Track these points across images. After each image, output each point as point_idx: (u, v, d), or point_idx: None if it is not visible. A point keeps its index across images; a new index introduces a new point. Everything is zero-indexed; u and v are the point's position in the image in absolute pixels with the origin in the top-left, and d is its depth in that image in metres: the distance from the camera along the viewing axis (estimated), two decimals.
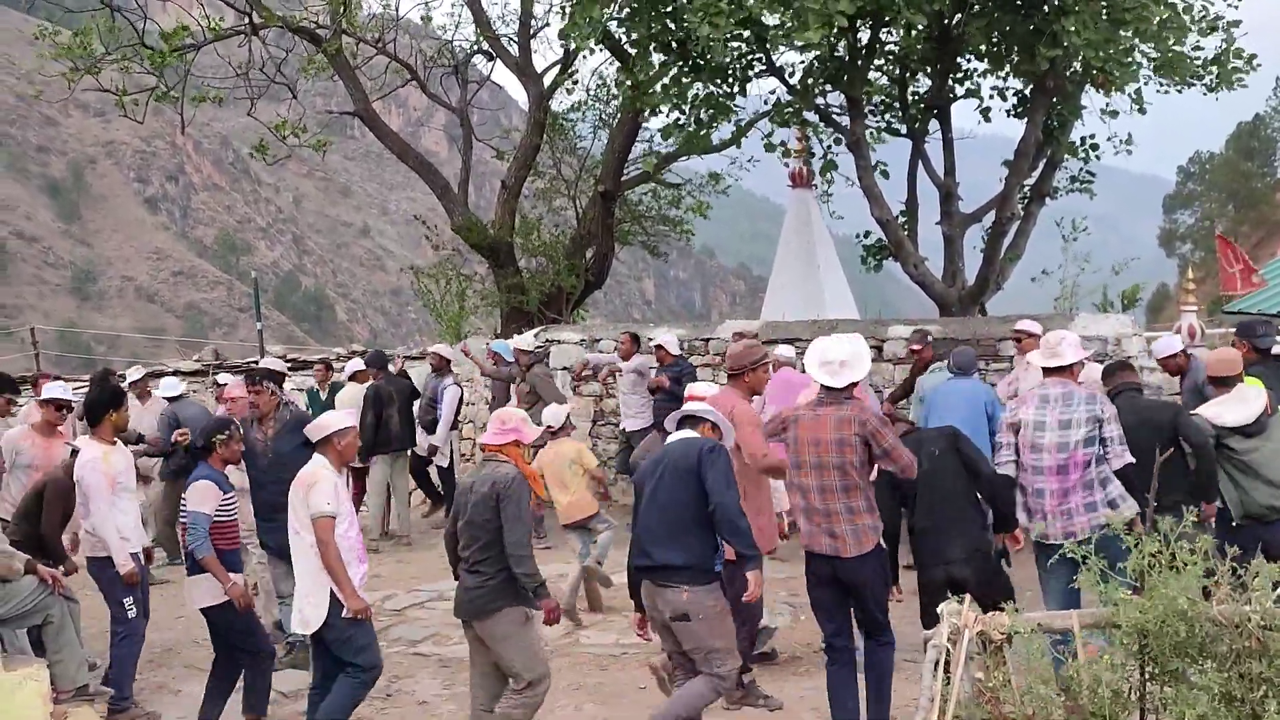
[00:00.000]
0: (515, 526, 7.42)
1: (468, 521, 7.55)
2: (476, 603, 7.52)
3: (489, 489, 7.48)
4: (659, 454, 7.80)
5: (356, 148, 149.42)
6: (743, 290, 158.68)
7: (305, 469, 7.98)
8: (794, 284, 21.79)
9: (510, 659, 7.54)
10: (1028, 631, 5.66)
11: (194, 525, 8.42)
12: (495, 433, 7.74)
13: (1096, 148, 18.60)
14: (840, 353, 7.60)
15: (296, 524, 7.85)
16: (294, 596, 8.03)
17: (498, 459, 7.69)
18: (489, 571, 7.49)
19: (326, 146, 22.03)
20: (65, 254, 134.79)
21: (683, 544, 7.39)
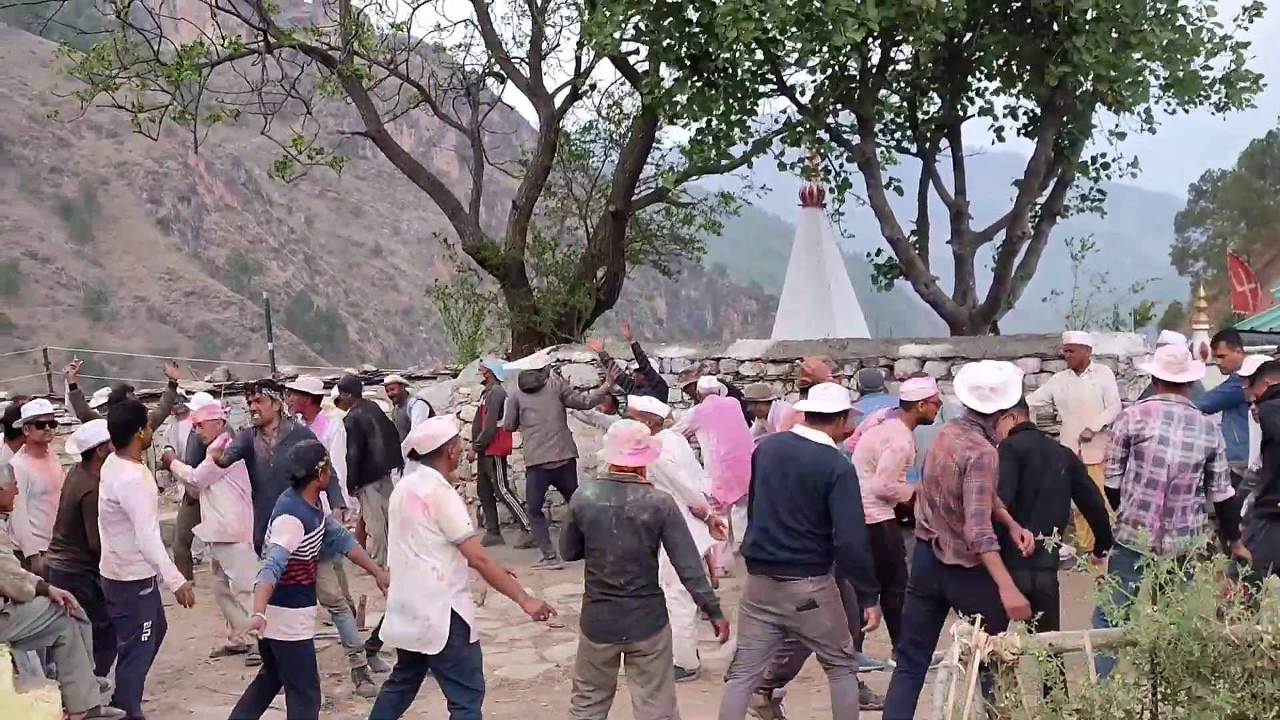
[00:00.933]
0: (687, 551, 7.48)
1: (624, 550, 7.40)
2: (645, 624, 7.48)
3: (650, 516, 7.37)
4: (783, 447, 7.79)
5: (368, 168, 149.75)
6: (754, 309, 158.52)
7: (418, 484, 7.78)
8: (805, 303, 21.81)
9: (662, 672, 7.56)
10: (1039, 652, 5.66)
11: (273, 558, 8.03)
12: (631, 453, 7.54)
13: (1108, 166, 18.60)
14: (992, 379, 7.75)
15: (417, 547, 7.68)
16: (398, 615, 7.85)
17: (638, 481, 7.55)
18: (654, 592, 7.53)
19: (343, 165, 22.10)
20: (78, 275, 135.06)
21: (806, 543, 7.57)
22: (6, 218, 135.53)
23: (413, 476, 7.93)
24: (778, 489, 7.62)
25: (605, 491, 7.52)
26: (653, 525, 7.36)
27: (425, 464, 7.85)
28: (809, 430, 7.75)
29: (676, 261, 24.70)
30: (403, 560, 7.76)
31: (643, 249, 23.00)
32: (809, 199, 22.24)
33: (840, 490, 7.47)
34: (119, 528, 9.02)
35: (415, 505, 7.69)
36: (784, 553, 7.57)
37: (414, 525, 7.68)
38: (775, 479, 7.65)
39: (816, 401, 7.80)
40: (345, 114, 31.24)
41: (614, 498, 7.45)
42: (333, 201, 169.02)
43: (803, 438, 7.72)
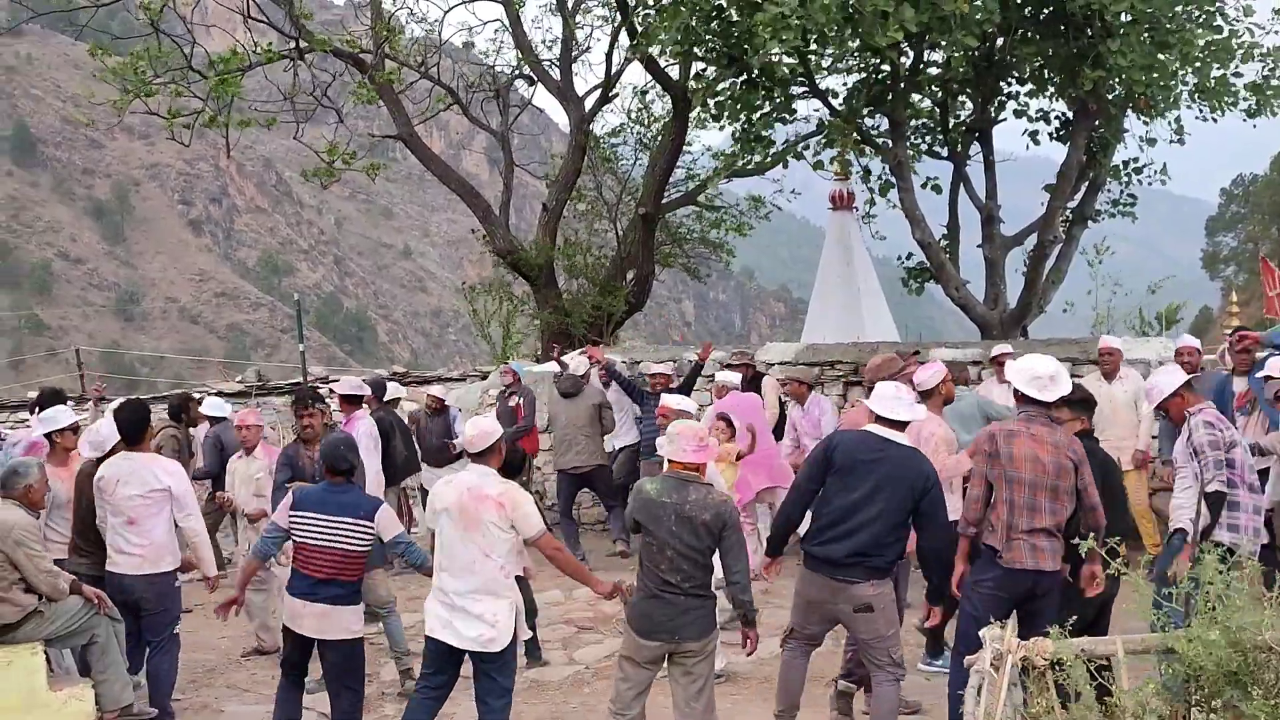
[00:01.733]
0: (740, 555, 7.43)
1: (685, 546, 7.37)
2: (701, 624, 7.47)
3: (711, 517, 7.34)
4: (866, 446, 7.68)
5: (398, 170, 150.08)
6: (783, 312, 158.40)
7: (482, 484, 7.71)
8: (834, 306, 21.74)
9: (706, 674, 7.57)
10: (1071, 658, 5.64)
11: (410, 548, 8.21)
12: (695, 449, 7.52)
13: (1139, 171, 18.56)
14: (1048, 368, 7.70)
15: (486, 547, 7.62)
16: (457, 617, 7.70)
17: (699, 480, 7.53)
18: (708, 593, 7.51)
19: (378, 171, 22.18)
20: (109, 275, 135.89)
21: (876, 544, 7.55)
22: (40, 218, 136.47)
23: (469, 476, 7.78)
24: (857, 487, 7.57)
25: (666, 488, 7.48)
26: (713, 526, 7.33)
27: (478, 462, 7.78)
28: (888, 430, 7.72)
29: (706, 265, 24.71)
30: (468, 560, 7.64)
31: (672, 252, 23.01)
32: (839, 202, 22.17)
33: (934, 495, 7.53)
34: (155, 520, 8.98)
35: (487, 504, 7.61)
36: (853, 556, 7.54)
37: (484, 524, 7.59)
38: (855, 478, 7.60)
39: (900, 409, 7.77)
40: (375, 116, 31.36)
41: (675, 495, 7.42)
42: (363, 203, 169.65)
43: (886, 438, 7.67)
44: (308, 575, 8.06)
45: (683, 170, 22.43)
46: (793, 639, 8.03)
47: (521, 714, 9.60)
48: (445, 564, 7.76)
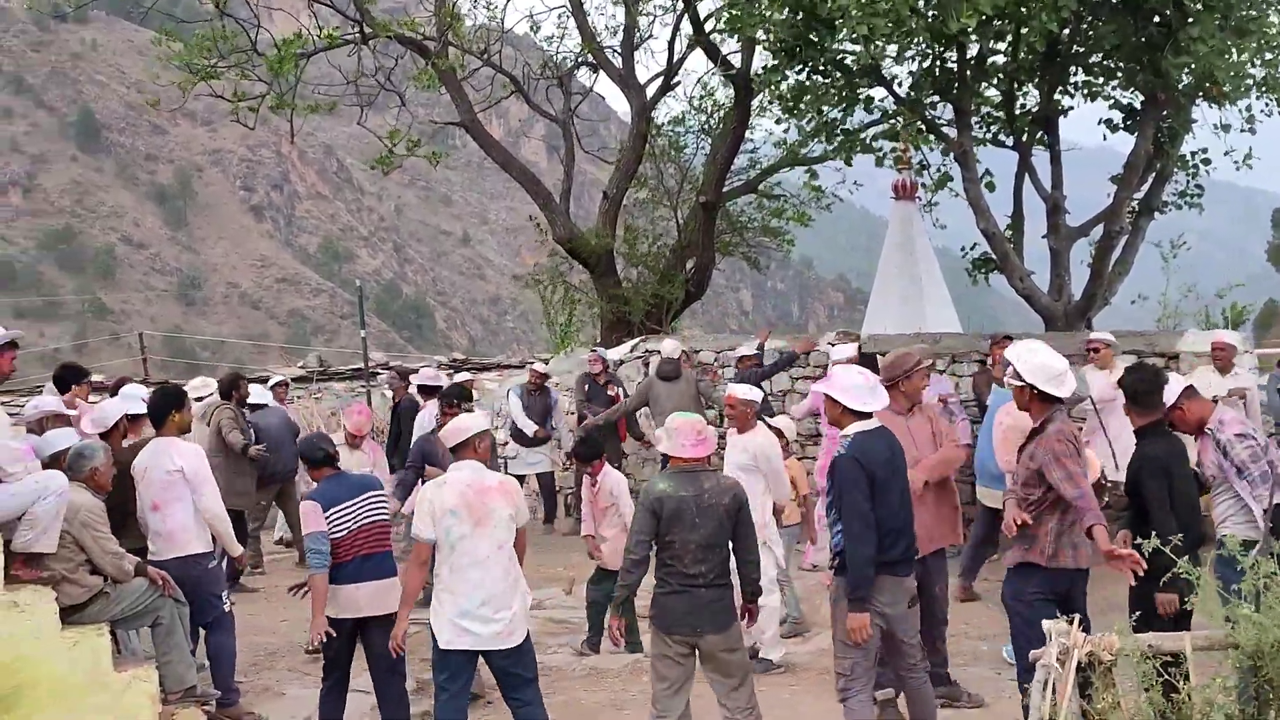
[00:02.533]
0: (752, 535, 7.52)
1: (706, 537, 7.36)
2: (722, 616, 7.46)
3: (730, 500, 7.38)
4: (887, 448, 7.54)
5: (458, 157, 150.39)
6: (841, 302, 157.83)
7: (480, 476, 7.79)
8: (896, 297, 21.65)
9: (739, 664, 7.56)
10: (1137, 654, 5.58)
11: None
12: (694, 444, 7.50)
13: (1209, 162, 18.32)
14: (1062, 363, 7.58)
15: (502, 538, 7.68)
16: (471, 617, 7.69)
17: (708, 469, 7.54)
18: (728, 583, 7.50)
19: (440, 159, 22.27)
20: (172, 260, 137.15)
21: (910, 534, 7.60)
22: (103, 203, 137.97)
23: (463, 474, 7.78)
24: (904, 488, 7.55)
25: (680, 482, 7.45)
26: (731, 509, 7.37)
27: (458, 457, 7.84)
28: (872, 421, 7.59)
29: (765, 254, 24.63)
30: (482, 556, 7.63)
31: (732, 240, 22.94)
32: (902, 191, 22.06)
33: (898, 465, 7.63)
34: (179, 504, 9.10)
35: (491, 494, 7.65)
36: (903, 554, 7.51)
37: (495, 515, 7.62)
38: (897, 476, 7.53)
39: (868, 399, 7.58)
40: (436, 103, 31.46)
41: (690, 487, 7.40)
42: (422, 190, 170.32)
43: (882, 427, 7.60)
44: (352, 559, 8.30)
45: (744, 158, 22.35)
46: (851, 681, 7.52)
47: (580, 700, 9.64)
48: (459, 564, 7.69)
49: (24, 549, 7.98)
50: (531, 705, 7.82)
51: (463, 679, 7.86)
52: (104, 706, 8.09)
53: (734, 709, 7.50)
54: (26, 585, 7.99)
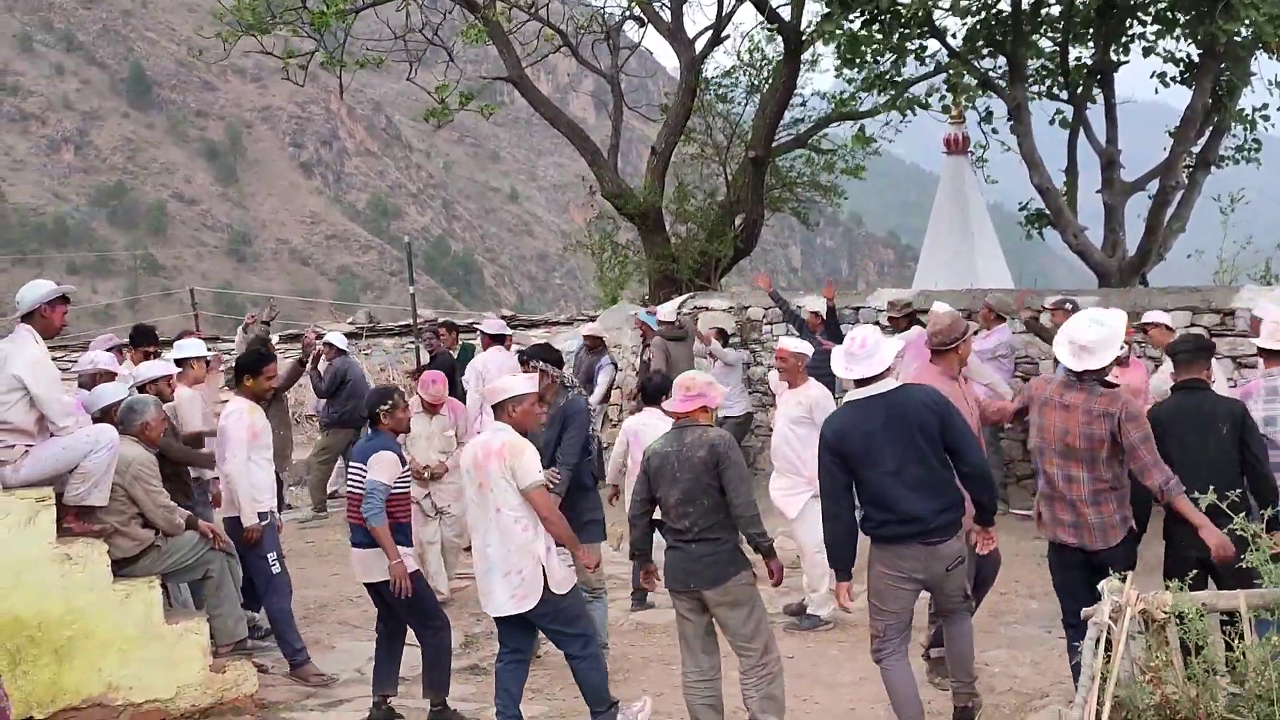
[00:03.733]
0: (741, 488, 7.21)
1: (684, 491, 7.28)
2: (712, 570, 7.30)
3: (707, 453, 7.23)
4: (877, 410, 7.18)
5: (506, 114, 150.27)
6: (891, 259, 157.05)
7: (490, 439, 7.71)
8: (947, 252, 21.48)
9: (741, 625, 7.36)
10: (1192, 611, 5.51)
11: (371, 494, 8.10)
12: (680, 400, 7.46)
13: (1267, 116, 18.06)
14: (1087, 336, 7.17)
15: (498, 501, 7.56)
16: (490, 579, 7.68)
17: (697, 423, 7.43)
18: (720, 537, 7.30)
19: (493, 112, 22.21)
20: (222, 216, 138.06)
21: (947, 499, 7.19)
22: (155, 160, 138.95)
23: (484, 434, 7.89)
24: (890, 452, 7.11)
25: (668, 439, 7.48)
26: (709, 461, 7.20)
27: (495, 417, 7.81)
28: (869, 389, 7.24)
29: (815, 209, 24.45)
30: (486, 520, 7.64)
31: (781, 196, 22.79)
32: (954, 146, 21.85)
33: (950, 418, 7.14)
34: (224, 464, 9.25)
35: (490, 458, 7.59)
36: (936, 518, 7.14)
37: (492, 479, 7.56)
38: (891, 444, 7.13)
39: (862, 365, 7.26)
40: (484, 59, 31.45)
41: (675, 443, 7.39)
42: (471, 147, 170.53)
43: (880, 393, 7.20)
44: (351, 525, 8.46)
45: (793, 113, 22.15)
46: (884, 642, 7.40)
47: (628, 655, 9.65)
48: (473, 526, 7.84)
49: (76, 502, 8.06)
50: (577, 660, 7.78)
51: (513, 641, 7.89)
52: (155, 658, 8.19)
53: (745, 668, 7.40)
54: (79, 538, 8.07)
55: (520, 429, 7.77)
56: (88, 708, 8.00)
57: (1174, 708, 5.27)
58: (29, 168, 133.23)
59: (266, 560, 9.27)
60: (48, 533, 7.93)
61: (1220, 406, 7.63)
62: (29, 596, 7.82)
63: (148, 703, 8.17)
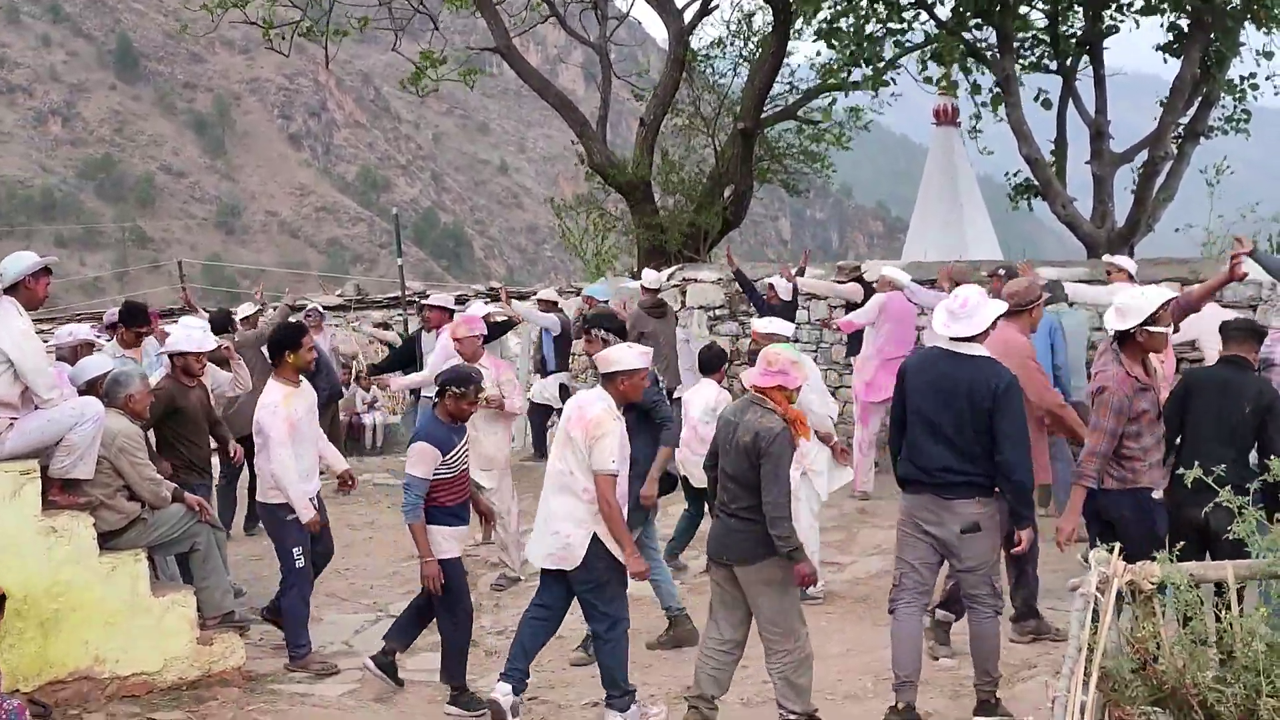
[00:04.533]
0: (773, 486, 7.08)
1: (730, 466, 7.27)
2: (742, 548, 7.25)
3: (752, 440, 7.13)
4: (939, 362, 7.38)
5: (495, 85, 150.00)
6: (880, 230, 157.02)
7: (589, 403, 7.62)
8: (936, 223, 21.48)
9: (765, 607, 7.29)
10: (1180, 582, 5.51)
11: (407, 489, 8.04)
12: (761, 373, 7.32)
13: (1256, 86, 18.05)
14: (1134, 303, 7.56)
15: (572, 463, 7.53)
16: (540, 530, 7.71)
17: (765, 404, 7.25)
18: (755, 518, 7.19)
19: (475, 80, 22.13)
20: (211, 189, 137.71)
21: (973, 461, 7.22)
22: (142, 132, 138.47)
23: (590, 393, 7.77)
24: (940, 407, 7.28)
25: (737, 409, 7.41)
26: (751, 449, 7.10)
27: (603, 386, 7.69)
28: (956, 345, 7.35)
29: (805, 181, 24.41)
30: (556, 475, 7.63)
31: (770, 168, 22.75)
32: (943, 117, 21.82)
33: (1005, 404, 7.14)
34: (261, 451, 8.93)
35: (579, 423, 7.53)
36: (951, 475, 7.22)
37: (575, 442, 7.52)
38: (933, 397, 7.32)
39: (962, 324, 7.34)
40: (472, 30, 31.27)
41: (738, 415, 7.31)
42: (460, 119, 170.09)
43: (957, 352, 7.34)
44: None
45: (782, 84, 22.09)
46: (900, 592, 7.51)
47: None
48: (547, 472, 7.78)
49: (61, 475, 8.02)
50: (601, 640, 7.71)
51: (547, 595, 7.88)
52: (142, 631, 8.16)
53: (769, 653, 7.33)
54: (64, 511, 8.03)
55: (624, 401, 7.70)
56: (74, 680, 7.98)
57: (1161, 678, 5.27)
58: (16, 140, 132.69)
59: (292, 554, 8.95)
60: (33, 506, 7.89)
61: (1251, 386, 7.79)
62: (14, 570, 7.78)
63: (134, 675, 8.15)
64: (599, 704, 7.93)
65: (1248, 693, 5.03)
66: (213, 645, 8.46)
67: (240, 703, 8.18)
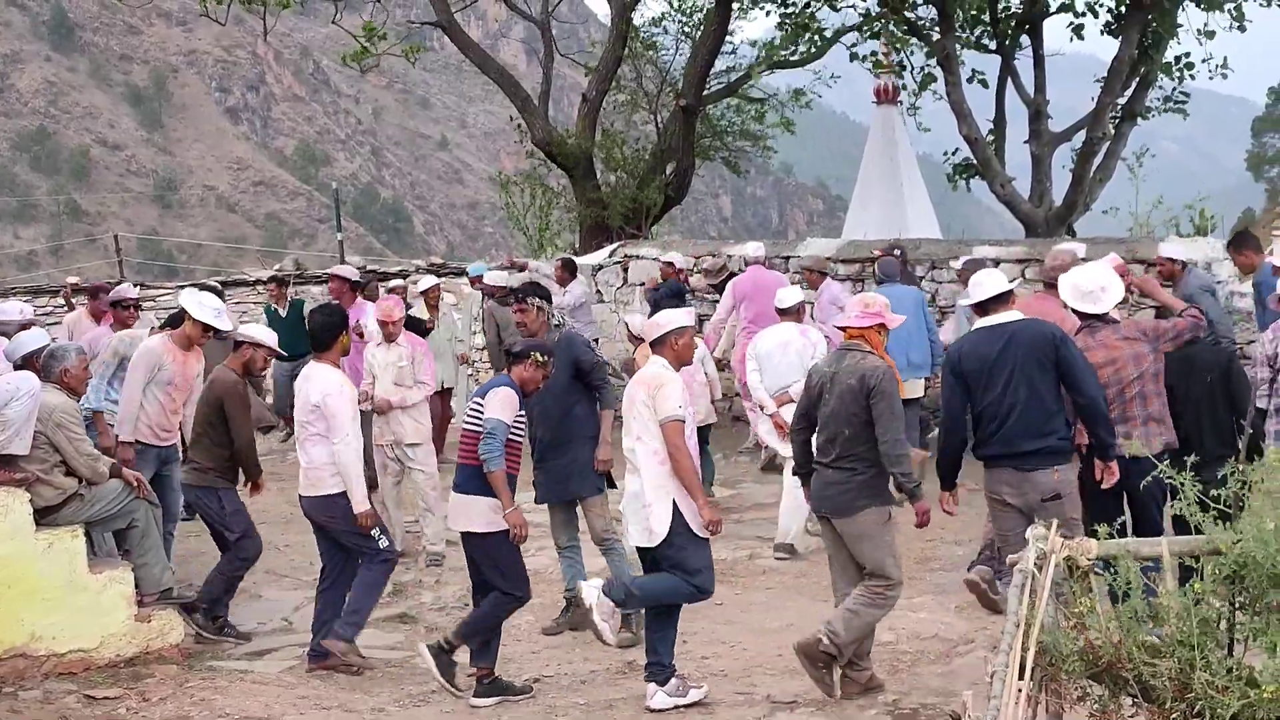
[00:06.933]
0: (891, 423, 7.15)
1: (831, 414, 7.28)
2: (839, 499, 7.33)
3: (858, 382, 7.16)
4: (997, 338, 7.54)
5: (435, 60, 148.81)
6: (820, 209, 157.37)
7: (647, 370, 7.56)
8: (876, 202, 21.55)
9: (868, 557, 7.34)
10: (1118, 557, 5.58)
11: (492, 433, 7.61)
12: (858, 314, 7.40)
13: (1192, 66, 18.24)
14: (1096, 279, 7.97)
15: (639, 430, 7.43)
16: (627, 510, 7.59)
17: (861, 348, 7.34)
18: (855, 468, 7.27)
19: (417, 56, 21.96)
20: (147, 162, 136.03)
21: (1051, 428, 7.43)
22: (78, 104, 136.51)
23: (646, 367, 7.69)
24: (1001, 378, 7.44)
25: (832, 359, 7.50)
26: (858, 391, 7.15)
27: (654, 352, 7.63)
28: (997, 316, 7.61)
29: (745, 159, 24.44)
30: (629, 448, 7.54)
31: (712, 145, 22.76)
32: (884, 96, 21.87)
33: (1067, 351, 7.42)
34: (316, 438, 8.36)
35: (640, 387, 7.50)
36: (1029, 443, 7.41)
37: (636, 406, 7.47)
38: (1003, 370, 7.45)
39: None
40: (413, 4, 31.04)
41: (836, 364, 7.39)
42: (400, 93, 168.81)
43: (1004, 322, 7.57)
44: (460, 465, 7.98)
45: (725, 62, 22.10)
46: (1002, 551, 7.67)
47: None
48: (626, 455, 7.65)
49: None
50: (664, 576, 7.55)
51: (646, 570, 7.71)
52: (80, 607, 8.11)
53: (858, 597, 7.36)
54: (0, 487, 7.94)
55: (679, 362, 7.61)
56: (10, 658, 7.92)
57: (1097, 653, 5.34)
58: None
59: (370, 536, 8.43)
60: None
61: (1208, 357, 8.38)
62: None
63: (72, 652, 8.10)
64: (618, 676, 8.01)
65: (1181, 667, 5.09)
66: (151, 622, 8.41)
67: (179, 680, 8.12)
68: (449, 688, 7.75)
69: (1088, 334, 7.96)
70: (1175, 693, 5.03)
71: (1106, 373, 7.80)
